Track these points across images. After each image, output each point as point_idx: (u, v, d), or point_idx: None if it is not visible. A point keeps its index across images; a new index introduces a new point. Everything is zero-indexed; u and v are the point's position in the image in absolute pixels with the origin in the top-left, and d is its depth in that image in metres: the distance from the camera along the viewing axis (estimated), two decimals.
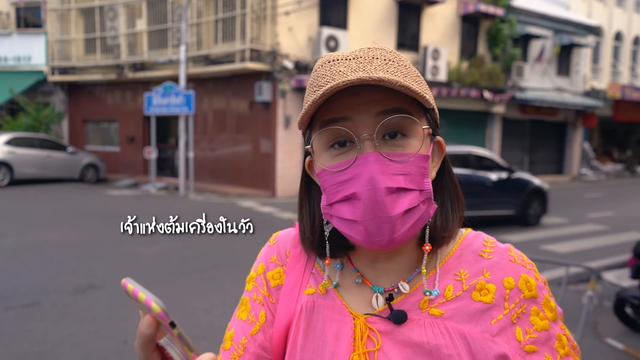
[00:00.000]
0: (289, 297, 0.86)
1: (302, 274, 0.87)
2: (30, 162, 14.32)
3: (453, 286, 0.78)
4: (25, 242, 7.43)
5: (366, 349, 0.76)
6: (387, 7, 15.95)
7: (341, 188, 0.73)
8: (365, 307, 0.80)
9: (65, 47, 17.84)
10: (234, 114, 15.40)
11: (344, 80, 0.68)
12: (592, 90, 22.47)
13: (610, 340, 4.45)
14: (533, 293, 0.76)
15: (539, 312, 0.76)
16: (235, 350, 0.86)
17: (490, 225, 9.37)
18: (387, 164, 0.71)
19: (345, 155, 0.73)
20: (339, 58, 0.75)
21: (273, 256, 0.92)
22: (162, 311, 0.60)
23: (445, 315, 0.76)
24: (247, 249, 7.33)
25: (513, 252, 0.80)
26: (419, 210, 0.72)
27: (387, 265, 0.81)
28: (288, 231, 0.94)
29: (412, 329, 0.75)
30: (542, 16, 19.90)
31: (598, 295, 5.51)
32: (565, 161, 22.90)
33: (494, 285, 0.76)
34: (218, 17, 14.66)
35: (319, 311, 0.82)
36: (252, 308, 0.88)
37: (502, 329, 0.74)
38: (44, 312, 4.75)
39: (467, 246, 0.81)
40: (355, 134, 0.72)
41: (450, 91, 16.74)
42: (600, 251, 7.89)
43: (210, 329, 4.45)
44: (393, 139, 0.72)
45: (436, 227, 0.79)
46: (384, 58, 0.74)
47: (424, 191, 0.73)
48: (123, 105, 17.89)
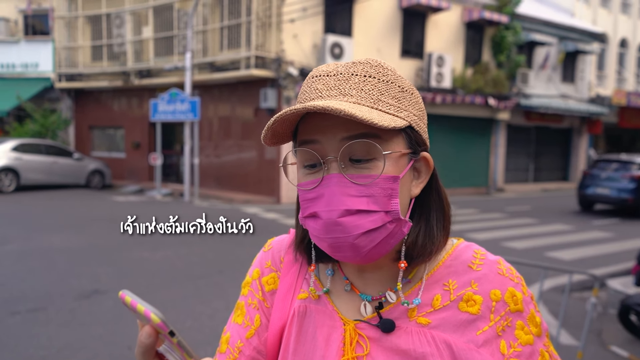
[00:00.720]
0: (283, 302, 0.88)
1: (295, 279, 0.89)
2: (37, 168, 14.41)
3: (441, 296, 0.79)
4: (31, 248, 7.48)
5: (355, 354, 0.78)
6: (392, 15, 16.00)
7: (308, 205, 0.76)
8: (355, 314, 0.82)
9: (72, 54, 18.00)
10: (239, 121, 15.46)
11: (291, 109, 0.71)
12: (597, 97, 22.42)
13: (615, 348, 4.43)
14: (519, 307, 0.78)
15: (524, 327, 0.77)
16: (231, 354, 0.88)
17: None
18: (349, 186, 0.72)
19: (314, 175, 0.76)
20: (322, 74, 0.77)
21: (268, 262, 0.94)
22: (162, 321, 0.62)
23: (432, 325, 0.77)
24: (251, 255, 7.33)
25: (502, 266, 0.81)
26: (385, 230, 0.73)
27: (373, 275, 0.83)
28: (282, 237, 0.96)
29: (399, 337, 0.77)
30: (547, 23, 19.91)
31: (602, 303, 5.49)
32: (570, 168, 22.83)
33: (480, 296, 0.78)
34: (223, 25, 14.75)
35: (311, 316, 0.84)
36: (248, 312, 0.90)
37: (487, 341, 0.76)
38: (49, 316, 4.78)
39: (457, 257, 0.82)
40: (323, 155, 0.74)
41: (455, 98, 16.74)
42: (606, 258, 7.85)
43: (214, 334, 4.46)
44: (359, 161, 0.74)
45: (417, 243, 0.79)
46: (364, 74, 0.76)
47: (391, 212, 0.73)
48: (129, 111, 18.00)
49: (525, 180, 21.39)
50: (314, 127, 0.75)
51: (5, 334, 4.34)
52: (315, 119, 0.75)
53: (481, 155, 18.99)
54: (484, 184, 19.06)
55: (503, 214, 12.76)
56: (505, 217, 12.35)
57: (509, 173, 20.33)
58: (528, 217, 12.33)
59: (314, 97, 0.76)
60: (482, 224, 11.05)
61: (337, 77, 0.76)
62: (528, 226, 11.03)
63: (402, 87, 0.78)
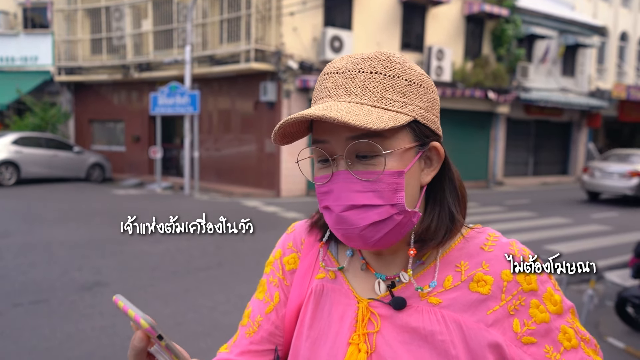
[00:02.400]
0: (302, 281, 0.94)
1: (315, 260, 0.95)
2: (37, 162, 14.42)
3: (452, 277, 0.82)
4: (32, 241, 7.52)
5: (366, 330, 0.83)
6: (391, 8, 15.97)
7: (322, 198, 0.81)
8: (369, 293, 0.87)
9: (71, 48, 17.96)
10: (238, 114, 15.47)
11: (291, 117, 0.76)
12: (597, 91, 22.39)
13: (612, 340, 4.48)
14: (532, 286, 0.79)
15: (539, 305, 0.78)
16: (251, 327, 0.96)
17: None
18: (355, 182, 0.77)
19: (326, 170, 0.81)
20: (332, 71, 0.81)
21: (289, 243, 1.00)
22: (150, 327, 0.67)
23: (442, 304, 0.80)
24: (252, 248, 7.39)
25: (515, 247, 0.83)
26: (392, 221, 0.77)
27: (390, 258, 0.87)
28: (305, 221, 1.02)
29: (410, 315, 0.81)
30: (547, 16, 19.85)
31: (599, 295, 5.53)
32: (570, 162, 22.84)
33: (491, 277, 0.80)
34: (223, 18, 14.72)
35: (328, 294, 0.89)
36: (268, 289, 0.98)
37: (497, 320, 0.78)
38: (51, 308, 4.82)
39: (470, 239, 0.85)
40: (331, 154, 0.79)
41: (455, 91, 16.74)
42: (604, 251, 7.90)
43: (214, 326, 4.50)
44: (365, 157, 0.78)
45: (429, 229, 0.83)
46: (370, 70, 0.79)
47: (396, 205, 0.77)
48: (129, 105, 17.99)
49: (525, 173, 21.41)
50: (323, 127, 0.80)
51: (8, 325, 4.38)
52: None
53: (481, 148, 19.00)
54: (484, 177, 19.08)
55: (502, 207, 12.80)
56: (504, 210, 12.39)
57: (508, 166, 20.34)
58: (527, 210, 12.36)
59: (323, 96, 0.81)
60: (481, 217, 11.08)
61: (344, 75, 0.80)
62: (527, 219, 11.07)
63: (409, 80, 0.80)
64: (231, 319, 4.67)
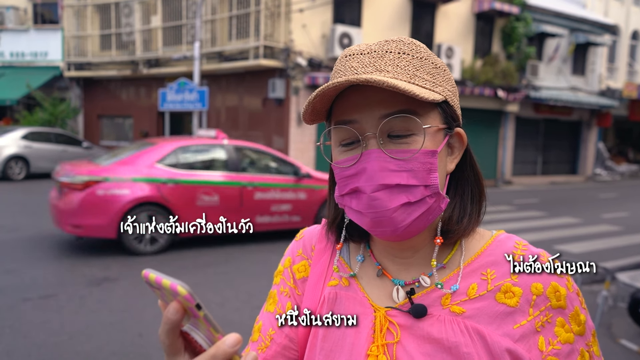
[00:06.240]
0: (313, 289, 0.88)
1: (326, 266, 0.89)
2: (46, 157, 14.47)
3: (477, 285, 0.77)
4: (41, 235, 7.54)
5: (385, 341, 0.77)
6: (401, 5, 15.89)
7: (348, 182, 0.76)
8: (386, 300, 0.81)
9: (81, 43, 18.03)
10: (246, 111, 15.46)
11: (334, 82, 0.71)
12: (607, 90, 22.20)
13: (625, 342, 4.43)
14: (561, 303, 0.75)
15: (565, 324, 0.75)
16: (263, 342, 0.88)
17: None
18: (389, 161, 0.73)
19: (353, 152, 0.76)
20: (355, 53, 0.78)
21: (299, 250, 0.95)
22: (189, 294, 0.60)
23: (466, 314, 0.75)
24: (258, 244, 7.38)
25: (545, 258, 0.77)
26: (424, 204, 0.74)
27: (408, 260, 0.82)
28: (314, 227, 0.97)
29: (431, 325, 0.76)
30: (558, 14, 19.69)
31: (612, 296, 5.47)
32: (579, 161, 22.68)
33: (520, 289, 0.75)
34: (232, 14, 14.71)
35: (341, 302, 0.84)
36: (280, 300, 0.91)
37: (524, 335, 0.73)
38: (60, 303, 4.83)
39: (497, 246, 0.80)
40: (361, 132, 0.75)
41: (464, 90, 16.64)
42: (615, 252, 7.81)
43: (223, 322, 4.48)
44: (398, 137, 0.74)
45: (452, 219, 0.79)
46: (397, 51, 0.77)
47: (430, 186, 0.74)
48: (137, 101, 18.04)
49: (534, 173, 21.28)
50: (351, 106, 0.75)
51: (17, 320, 4.39)
52: (353, 97, 0.75)
53: (489, 147, 18.89)
54: (492, 176, 18.98)
55: (511, 207, 12.71)
56: (513, 209, 12.30)
57: (517, 165, 20.23)
58: (536, 209, 12.28)
59: (349, 74, 0.76)
60: (490, 216, 10.89)
61: (371, 55, 0.77)
62: (536, 219, 10.99)
63: (435, 63, 0.79)
64: (241, 316, 4.65)
